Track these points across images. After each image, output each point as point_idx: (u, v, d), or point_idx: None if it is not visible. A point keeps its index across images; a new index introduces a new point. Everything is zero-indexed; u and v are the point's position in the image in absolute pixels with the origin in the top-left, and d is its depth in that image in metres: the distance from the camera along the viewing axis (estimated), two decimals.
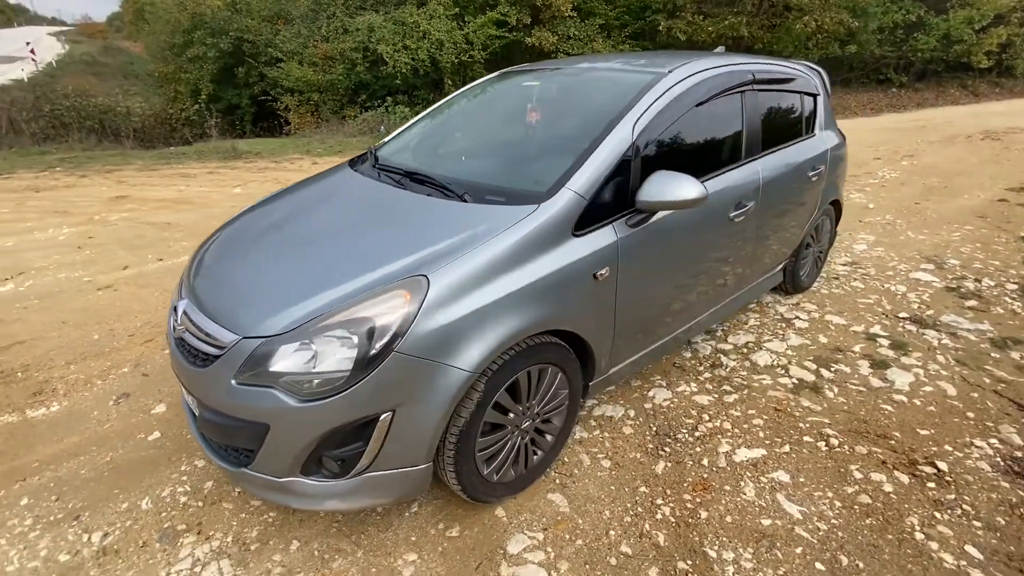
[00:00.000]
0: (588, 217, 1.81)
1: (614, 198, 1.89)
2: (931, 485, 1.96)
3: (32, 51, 24.57)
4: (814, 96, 3.04)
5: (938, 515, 1.84)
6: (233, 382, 1.51)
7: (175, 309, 1.80)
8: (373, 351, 1.43)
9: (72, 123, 10.81)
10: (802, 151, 2.86)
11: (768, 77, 2.60)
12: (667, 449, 2.14)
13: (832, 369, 2.68)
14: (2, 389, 2.63)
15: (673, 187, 1.84)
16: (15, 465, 2.13)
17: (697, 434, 2.22)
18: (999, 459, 2.09)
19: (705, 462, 2.07)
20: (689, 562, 1.68)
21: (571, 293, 1.77)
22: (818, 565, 1.66)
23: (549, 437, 1.98)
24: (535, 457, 1.95)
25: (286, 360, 1.46)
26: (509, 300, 1.60)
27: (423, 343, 1.47)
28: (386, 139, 2.76)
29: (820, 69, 3.20)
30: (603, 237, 1.84)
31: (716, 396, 2.47)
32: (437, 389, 1.50)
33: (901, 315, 3.22)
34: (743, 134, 2.45)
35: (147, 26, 18.27)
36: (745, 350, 2.85)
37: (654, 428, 2.26)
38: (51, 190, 6.46)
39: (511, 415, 1.76)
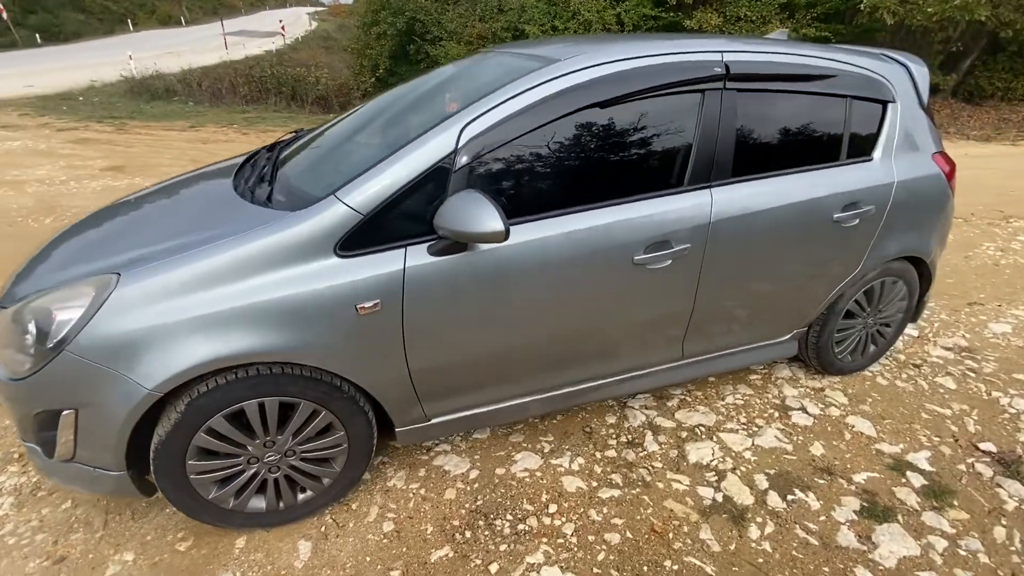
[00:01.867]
0: (365, 236, 1.48)
1: (417, 218, 1.51)
2: None
3: (283, 28, 30.15)
4: (882, 103, 2.07)
5: None
6: None
7: None
8: (48, 344, 1.37)
9: (271, 89, 12.99)
10: (826, 181, 1.98)
11: (757, 72, 1.82)
12: (468, 534, 1.72)
13: (790, 498, 1.87)
14: None
15: (464, 214, 1.40)
16: None
17: (521, 528, 1.74)
18: None
19: (493, 568, 1.61)
20: None
21: (321, 324, 1.47)
22: None
23: (326, 480, 1.73)
24: (302, 495, 1.73)
25: (10, 334, 1.47)
26: (216, 318, 1.39)
27: (98, 346, 1.35)
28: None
29: (909, 63, 2.16)
30: (383, 263, 1.49)
31: (593, 485, 1.91)
32: (114, 399, 1.38)
33: (983, 445, 2.12)
34: (692, 149, 1.78)
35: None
36: (684, 435, 2.15)
37: (478, 502, 1.84)
38: (215, 143, 7.84)
39: (248, 446, 1.56)
